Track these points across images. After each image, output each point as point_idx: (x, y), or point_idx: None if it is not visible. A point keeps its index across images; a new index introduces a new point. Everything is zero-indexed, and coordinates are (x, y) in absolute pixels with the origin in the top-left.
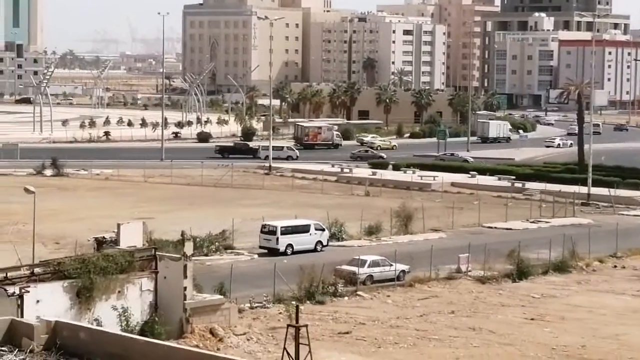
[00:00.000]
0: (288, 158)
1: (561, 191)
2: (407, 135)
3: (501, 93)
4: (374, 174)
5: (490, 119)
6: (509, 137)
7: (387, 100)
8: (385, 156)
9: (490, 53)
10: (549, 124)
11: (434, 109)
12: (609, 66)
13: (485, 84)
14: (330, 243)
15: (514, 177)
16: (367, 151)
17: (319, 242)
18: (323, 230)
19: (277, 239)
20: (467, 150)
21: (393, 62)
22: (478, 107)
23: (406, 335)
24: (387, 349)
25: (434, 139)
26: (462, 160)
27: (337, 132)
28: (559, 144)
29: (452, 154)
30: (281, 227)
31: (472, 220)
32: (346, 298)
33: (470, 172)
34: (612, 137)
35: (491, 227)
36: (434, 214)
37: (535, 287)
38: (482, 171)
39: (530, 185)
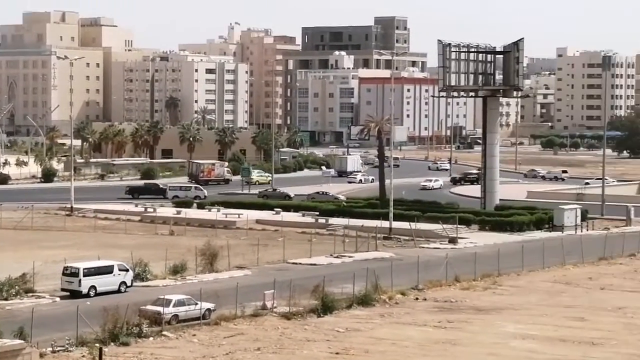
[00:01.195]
0: (196, 198)
1: (364, 226)
2: None
3: (304, 130)
4: (178, 212)
5: (347, 154)
6: (361, 171)
7: (191, 139)
8: (292, 195)
9: (292, 91)
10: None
11: (238, 147)
12: (408, 103)
13: (288, 122)
14: (134, 283)
15: (317, 213)
16: (275, 190)
17: (123, 282)
18: (127, 270)
19: (80, 280)
20: (272, 188)
21: (196, 101)
22: (281, 144)
23: None
24: None
25: (239, 177)
26: (284, 196)
27: (227, 168)
28: (360, 180)
29: (275, 190)
30: (84, 269)
31: (277, 257)
32: (151, 338)
33: (275, 209)
34: (411, 172)
35: (296, 263)
36: (239, 252)
37: (340, 321)
38: (287, 208)
39: (333, 220)
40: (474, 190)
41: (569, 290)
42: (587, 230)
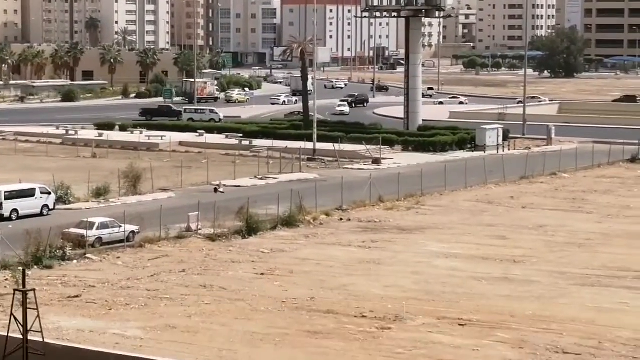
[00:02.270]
0: (211, 121)
1: (288, 147)
2: (134, 95)
3: (227, 52)
4: (100, 135)
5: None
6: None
7: (112, 61)
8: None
9: (214, 12)
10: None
11: (160, 69)
12: (331, 24)
13: (211, 43)
14: (57, 206)
15: (241, 135)
16: (300, 113)
17: (45, 205)
18: (49, 193)
19: (1, 204)
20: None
21: (116, 22)
22: (204, 65)
23: (137, 296)
24: (118, 310)
25: (161, 99)
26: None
27: (216, 86)
28: (284, 101)
29: (300, 113)
30: (5, 192)
31: (201, 179)
32: (75, 261)
33: (198, 131)
34: (332, 94)
35: (220, 185)
36: (162, 174)
37: (265, 242)
38: (210, 130)
39: (257, 142)
40: (398, 111)
41: (491, 210)
42: (509, 149)
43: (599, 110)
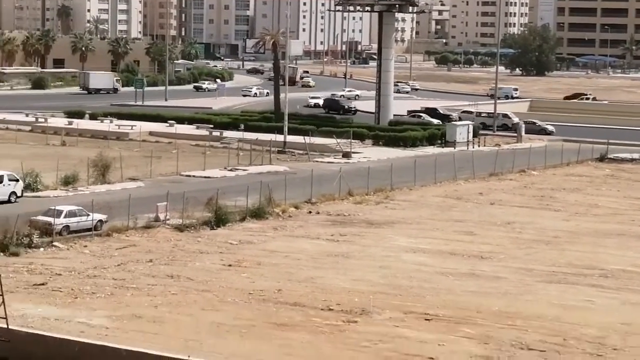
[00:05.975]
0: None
1: (258, 139)
2: None
3: (199, 42)
4: (70, 123)
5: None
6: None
7: (83, 49)
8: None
9: (187, 2)
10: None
11: (131, 58)
12: (304, 17)
13: (183, 33)
14: (25, 194)
15: (212, 126)
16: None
17: (13, 193)
18: (17, 180)
19: None
20: (166, 100)
21: (89, 10)
22: (176, 56)
23: (104, 284)
24: (84, 299)
25: (132, 88)
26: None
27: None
28: (255, 93)
29: (534, 122)
30: None
31: (170, 169)
32: (42, 249)
33: (169, 121)
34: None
35: (189, 176)
36: (132, 164)
37: (233, 233)
38: (181, 120)
39: (228, 133)
40: (369, 105)
41: (459, 205)
42: (479, 146)
43: (569, 109)
